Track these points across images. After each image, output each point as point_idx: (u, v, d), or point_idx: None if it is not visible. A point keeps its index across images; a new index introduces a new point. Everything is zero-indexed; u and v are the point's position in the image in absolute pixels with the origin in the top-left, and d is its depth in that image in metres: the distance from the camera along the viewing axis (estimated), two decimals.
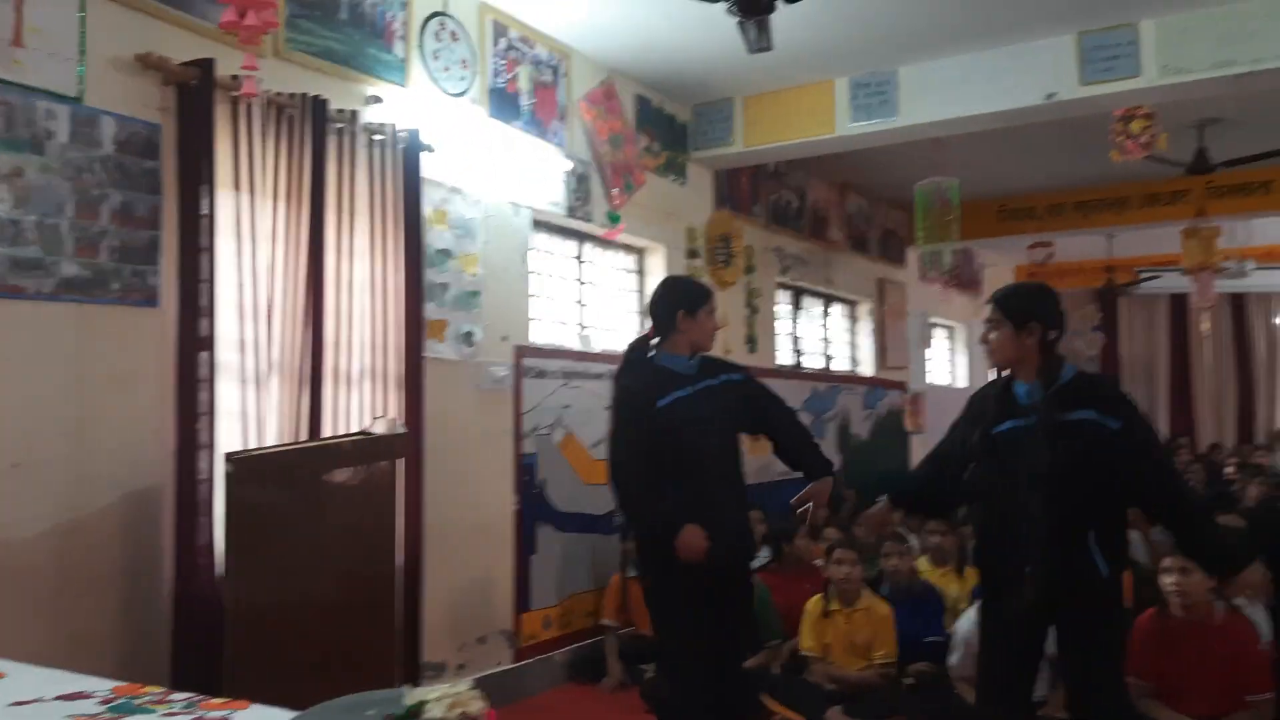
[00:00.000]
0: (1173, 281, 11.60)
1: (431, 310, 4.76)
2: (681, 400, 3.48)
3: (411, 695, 1.49)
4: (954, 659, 4.45)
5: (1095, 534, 2.98)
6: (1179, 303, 13.87)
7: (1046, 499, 2.98)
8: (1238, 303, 14.01)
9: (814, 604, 4.81)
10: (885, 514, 3.50)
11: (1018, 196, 9.90)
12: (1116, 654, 3.12)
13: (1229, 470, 9.34)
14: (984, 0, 5.27)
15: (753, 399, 3.71)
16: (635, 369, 3.63)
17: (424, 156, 4.60)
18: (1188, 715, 3.71)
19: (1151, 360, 14.60)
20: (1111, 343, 14.41)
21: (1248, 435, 13.69)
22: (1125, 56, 5.55)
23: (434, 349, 4.77)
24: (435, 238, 4.83)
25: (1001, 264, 13.16)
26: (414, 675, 4.25)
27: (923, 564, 5.38)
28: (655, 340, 3.67)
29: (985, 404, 3.21)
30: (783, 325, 8.46)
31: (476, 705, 1.46)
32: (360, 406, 4.25)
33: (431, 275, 4.77)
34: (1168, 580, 3.80)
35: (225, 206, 3.74)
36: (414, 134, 4.53)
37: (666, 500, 3.47)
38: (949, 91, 6.02)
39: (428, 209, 4.73)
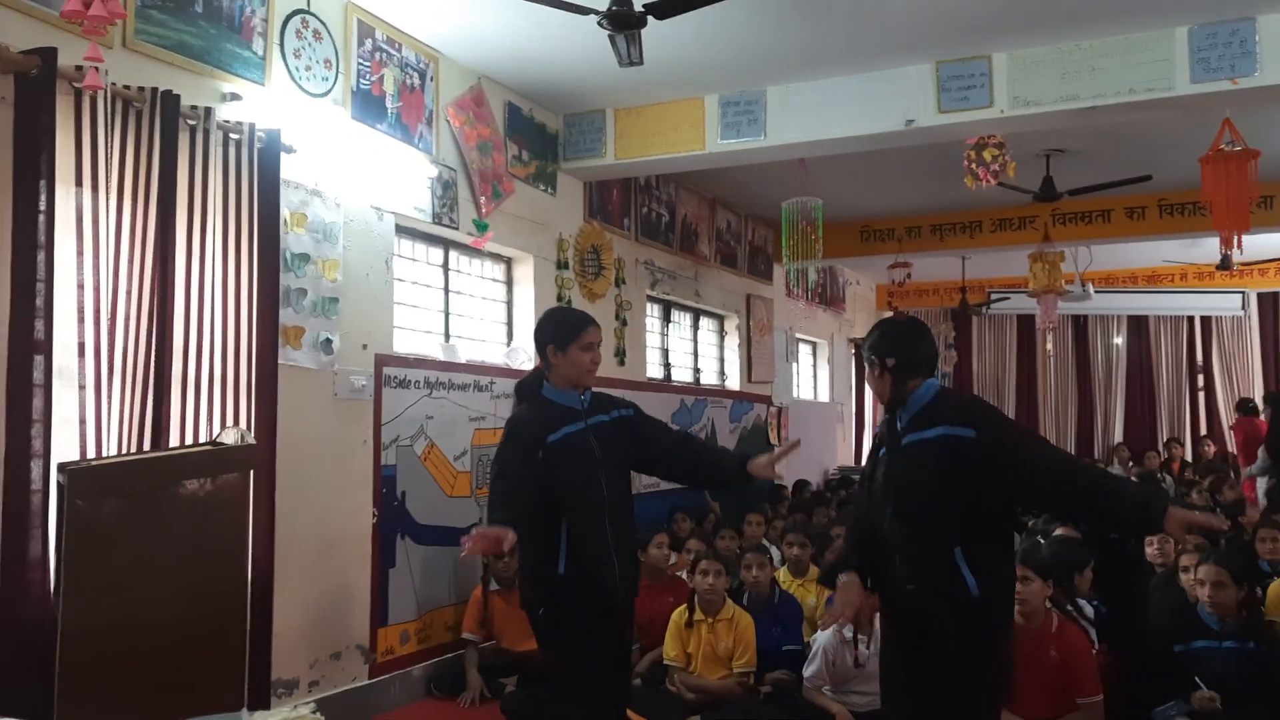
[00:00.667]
0: (1021, 303, 12.19)
1: (288, 316, 4.61)
2: (572, 435, 3.40)
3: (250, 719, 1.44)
4: (810, 669, 4.55)
5: (962, 550, 2.97)
6: (1027, 323, 14.58)
7: (903, 520, 3.05)
8: (1079, 324, 14.81)
9: (679, 614, 4.87)
10: (860, 593, 3.25)
11: (878, 218, 10.26)
12: (983, 677, 3.05)
13: None
14: (848, 26, 5.45)
15: (646, 432, 3.62)
16: (527, 401, 3.54)
17: (283, 157, 4.46)
18: (1022, 718, 3.87)
19: (1000, 377, 15.31)
20: (965, 360, 15.10)
21: (1089, 449, 14.46)
22: (979, 87, 5.82)
23: (290, 356, 4.61)
24: (293, 241, 4.68)
25: (864, 283, 13.60)
26: (264, 694, 4.09)
27: (783, 575, 5.51)
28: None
29: (877, 441, 3.34)
30: (652, 338, 8.52)
31: None
32: (209, 415, 4.08)
33: (289, 280, 4.62)
34: None
35: (65, 203, 3.56)
36: (273, 134, 4.39)
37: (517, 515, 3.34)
38: (815, 113, 6.20)
39: (286, 211, 4.59)
